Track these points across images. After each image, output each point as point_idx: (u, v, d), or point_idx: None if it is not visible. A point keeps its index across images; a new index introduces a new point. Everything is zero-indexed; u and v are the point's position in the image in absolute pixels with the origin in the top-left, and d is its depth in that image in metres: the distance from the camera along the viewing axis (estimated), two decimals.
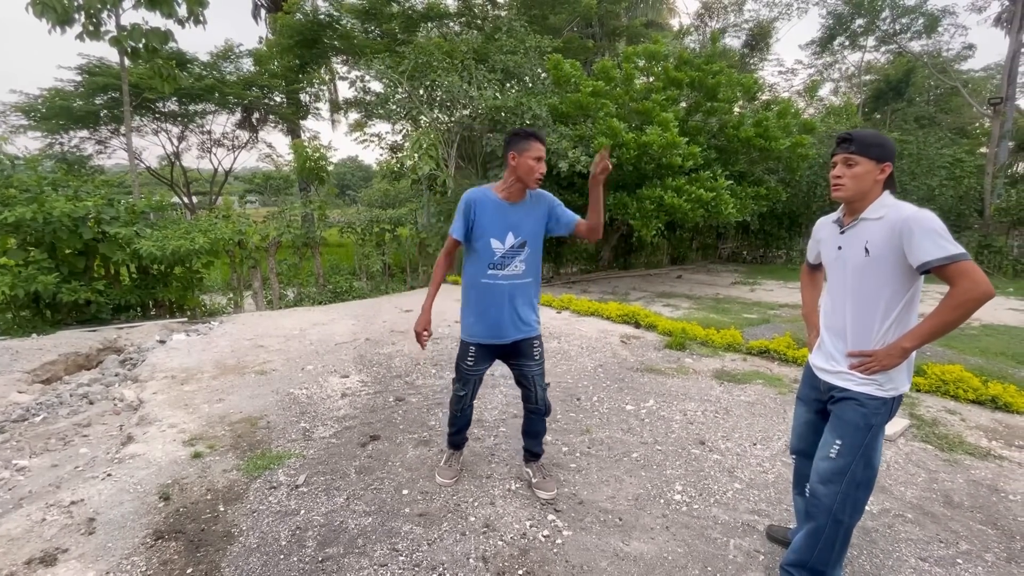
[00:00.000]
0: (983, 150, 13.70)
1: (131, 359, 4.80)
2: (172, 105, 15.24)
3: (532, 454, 2.65)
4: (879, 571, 2.05)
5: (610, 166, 2.12)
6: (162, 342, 5.20)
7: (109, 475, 2.72)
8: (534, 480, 2.58)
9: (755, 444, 3.06)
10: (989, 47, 40.85)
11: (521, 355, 2.44)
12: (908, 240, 1.58)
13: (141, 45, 7.36)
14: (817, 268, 2.09)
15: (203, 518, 2.36)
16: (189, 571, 2.04)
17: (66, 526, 2.30)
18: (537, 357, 2.46)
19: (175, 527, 2.30)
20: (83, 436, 3.31)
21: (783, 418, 3.41)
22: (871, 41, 17.47)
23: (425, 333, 2.38)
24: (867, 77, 21.25)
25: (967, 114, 19.32)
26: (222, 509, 2.43)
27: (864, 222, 1.71)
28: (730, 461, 2.87)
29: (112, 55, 14.76)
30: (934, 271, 1.56)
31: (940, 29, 15.84)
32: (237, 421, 3.38)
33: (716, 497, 2.53)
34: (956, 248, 1.53)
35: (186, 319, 6.50)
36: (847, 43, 17.88)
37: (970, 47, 18.24)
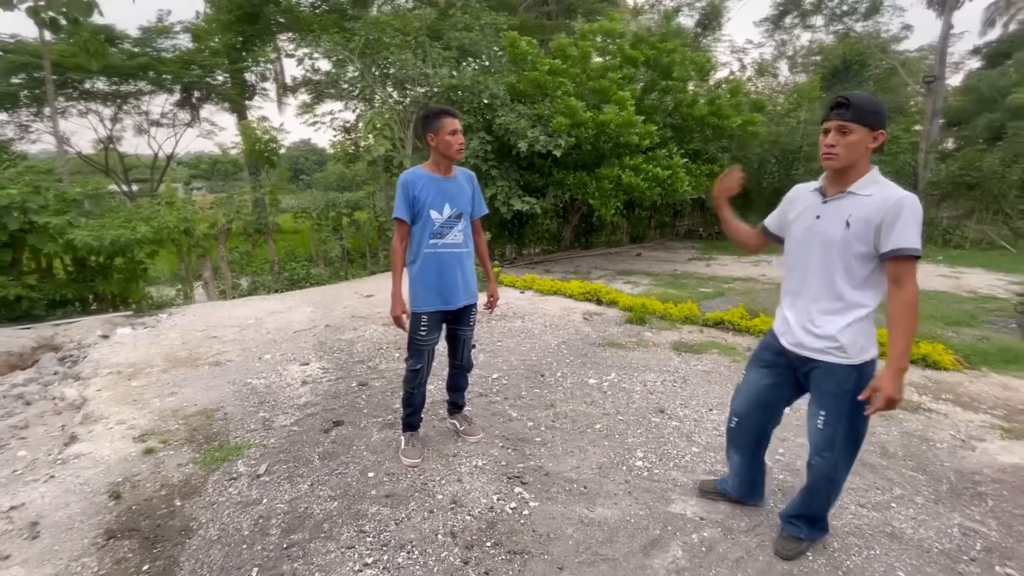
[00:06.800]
0: (917, 128, 14.50)
1: (71, 356, 4.51)
2: (101, 84, 14.16)
3: (456, 406, 2.93)
4: None
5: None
6: (105, 337, 4.92)
7: (52, 477, 2.58)
8: (460, 428, 2.88)
9: (711, 410, 3.20)
10: (920, 28, 43.11)
11: (460, 320, 2.66)
12: (893, 220, 1.55)
13: (62, 16, 6.76)
14: (770, 238, 2.01)
15: (158, 514, 2.28)
16: (145, 568, 1.97)
17: (6, 532, 2.17)
18: (471, 323, 2.71)
19: (128, 525, 2.21)
20: (20, 439, 3.10)
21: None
22: (820, 20, 18.08)
23: (404, 316, 2.53)
24: (815, 57, 21.99)
25: (903, 93, 20.35)
26: (179, 503, 2.35)
27: (852, 196, 1.67)
28: (688, 427, 2.99)
29: (28, 30, 13.54)
30: (895, 259, 1.57)
31: (880, 10, 16.55)
32: (192, 414, 3.25)
33: (675, 461, 2.64)
34: (919, 245, 1.54)
35: (131, 313, 6.15)
36: (798, 21, 18.45)
37: (907, 27, 19.16)
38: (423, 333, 2.53)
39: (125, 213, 6.36)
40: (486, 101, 7.96)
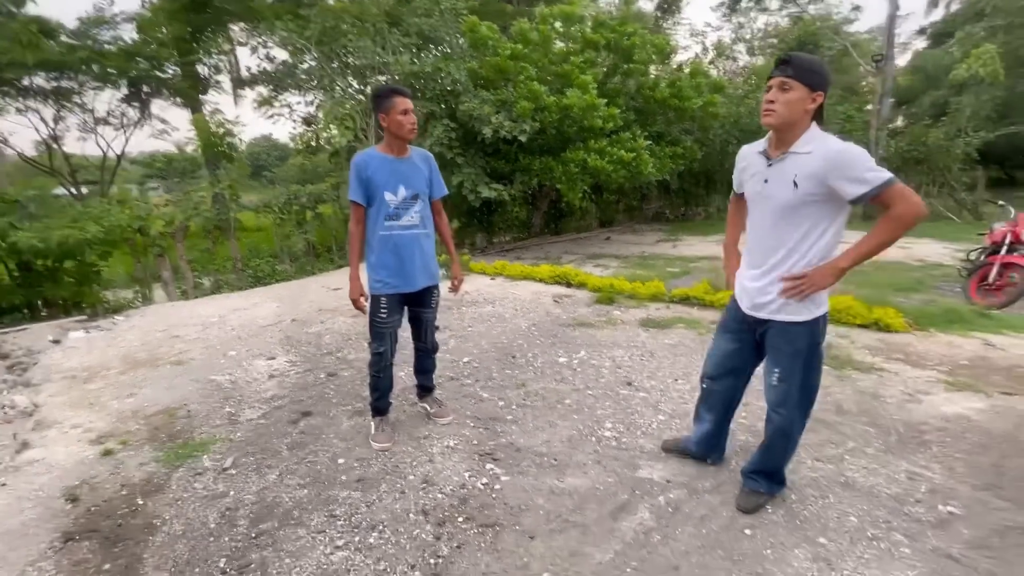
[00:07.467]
0: (868, 107, 15.02)
1: (20, 364, 4.30)
2: (40, 80, 13.33)
3: (425, 389, 2.94)
4: None
5: None
6: (56, 342, 4.70)
7: (3, 485, 2.47)
8: (431, 411, 2.88)
9: (677, 380, 3.28)
10: (869, 10, 44.48)
11: (421, 303, 2.64)
12: (838, 175, 1.60)
13: None
14: (744, 197, 2.00)
15: (119, 514, 2.21)
16: (107, 567, 1.91)
17: None
18: (433, 305, 2.70)
19: (87, 527, 2.14)
20: None
21: (702, 355, 3.65)
22: (774, 3, 18.48)
23: (362, 298, 2.53)
24: (772, 40, 22.48)
25: (855, 74, 21.02)
26: (141, 502, 2.28)
27: (793, 156, 1.70)
28: (655, 397, 3.06)
29: None
30: (874, 198, 1.59)
31: None
32: (153, 414, 3.15)
33: (643, 430, 2.71)
34: (885, 174, 1.57)
35: (85, 317, 5.89)
36: (753, 4, 18.82)
37: (857, 9, 19.77)
38: (383, 316, 2.52)
39: (73, 213, 6.07)
40: (449, 88, 7.87)
